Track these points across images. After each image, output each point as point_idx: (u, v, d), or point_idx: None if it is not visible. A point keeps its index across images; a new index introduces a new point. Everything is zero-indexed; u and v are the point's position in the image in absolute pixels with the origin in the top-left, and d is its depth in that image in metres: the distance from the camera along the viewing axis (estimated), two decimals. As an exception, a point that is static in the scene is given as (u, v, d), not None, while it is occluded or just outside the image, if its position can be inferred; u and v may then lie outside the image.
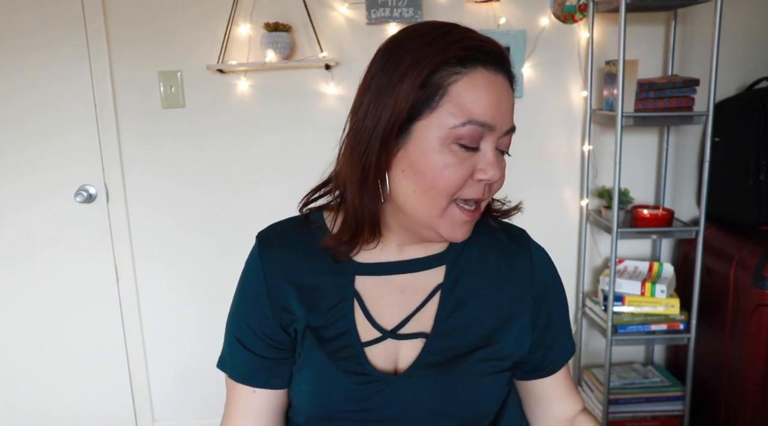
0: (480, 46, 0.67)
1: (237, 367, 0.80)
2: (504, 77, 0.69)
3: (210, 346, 2.14)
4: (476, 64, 0.66)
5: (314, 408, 0.76)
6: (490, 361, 0.77)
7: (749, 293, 1.68)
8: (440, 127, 0.66)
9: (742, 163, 1.80)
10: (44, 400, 2.18)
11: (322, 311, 0.77)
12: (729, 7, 1.81)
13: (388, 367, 0.76)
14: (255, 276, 0.79)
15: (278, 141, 2.02)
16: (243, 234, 2.08)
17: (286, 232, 0.82)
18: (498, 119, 0.68)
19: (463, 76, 0.66)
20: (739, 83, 2.01)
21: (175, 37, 1.96)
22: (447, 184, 0.67)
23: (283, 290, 0.77)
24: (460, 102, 0.66)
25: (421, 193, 0.68)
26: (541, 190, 2.07)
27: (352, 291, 0.77)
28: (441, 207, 0.69)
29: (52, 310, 2.12)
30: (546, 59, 1.98)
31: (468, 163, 0.68)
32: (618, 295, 1.88)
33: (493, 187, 0.72)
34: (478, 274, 0.80)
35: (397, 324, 0.77)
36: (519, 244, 0.83)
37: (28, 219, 2.05)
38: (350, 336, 0.76)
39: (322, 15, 1.94)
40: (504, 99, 0.68)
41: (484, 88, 0.66)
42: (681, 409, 1.93)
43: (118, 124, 2.01)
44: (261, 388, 0.79)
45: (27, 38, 1.94)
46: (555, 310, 0.83)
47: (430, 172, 0.67)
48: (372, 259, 0.78)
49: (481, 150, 0.68)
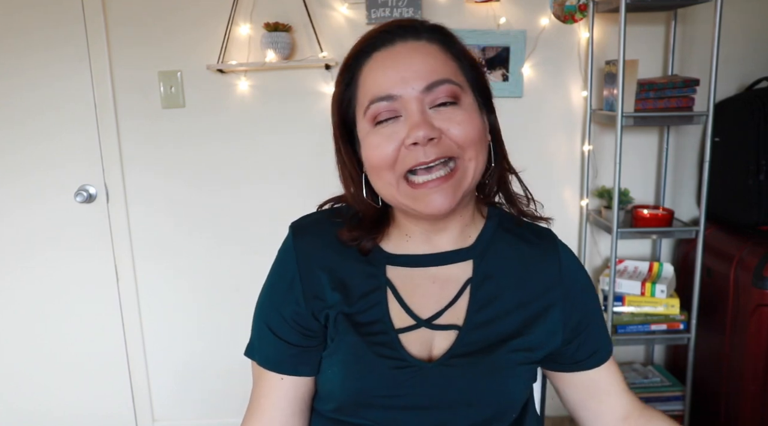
0: (377, 33, 0.74)
1: (267, 354, 0.81)
2: (412, 41, 0.72)
3: (210, 346, 2.14)
4: (374, 49, 0.73)
5: (345, 393, 0.76)
6: (522, 352, 0.78)
7: (749, 293, 1.68)
8: (362, 117, 0.73)
9: (742, 163, 1.80)
10: (44, 400, 2.18)
11: (354, 298, 0.78)
12: (729, 7, 1.81)
13: (422, 354, 0.77)
14: (288, 263, 0.81)
15: (278, 141, 2.02)
16: (243, 234, 2.09)
17: (319, 222, 0.83)
18: (400, 86, 0.70)
19: (363, 66, 0.73)
20: (739, 83, 2.01)
21: (175, 37, 1.96)
22: (380, 161, 0.71)
23: (316, 276, 0.79)
24: (364, 88, 0.73)
25: (375, 179, 0.74)
26: (541, 190, 2.04)
27: (385, 280, 0.79)
28: (392, 185, 0.72)
29: (52, 310, 2.12)
30: (546, 59, 1.98)
31: (396, 136, 0.70)
32: (618, 295, 1.88)
33: (446, 141, 0.70)
34: (506, 268, 0.81)
35: (433, 314, 0.78)
36: (546, 241, 0.84)
37: (28, 219, 2.05)
38: (384, 323, 0.77)
39: (322, 15, 1.94)
40: (406, 62, 0.71)
41: (380, 65, 0.72)
42: (681, 409, 1.93)
43: (118, 124, 2.01)
44: (289, 375, 0.80)
45: (27, 38, 1.94)
46: (589, 305, 0.83)
47: (369, 156, 0.73)
48: (402, 250, 0.80)
49: (403, 117, 0.71)
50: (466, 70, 0.75)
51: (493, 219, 0.84)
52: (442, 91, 0.70)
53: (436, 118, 0.70)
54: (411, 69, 0.70)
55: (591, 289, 0.86)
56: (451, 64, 0.73)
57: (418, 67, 0.70)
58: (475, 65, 0.77)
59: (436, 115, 0.70)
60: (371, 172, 0.74)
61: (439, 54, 0.72)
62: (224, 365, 2.14)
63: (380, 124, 0.71)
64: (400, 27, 0.73)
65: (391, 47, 0.72)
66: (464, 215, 0.80)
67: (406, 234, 0.80)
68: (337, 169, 0.80)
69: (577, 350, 0.83)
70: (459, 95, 0.72)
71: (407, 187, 0.71)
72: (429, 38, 0.73)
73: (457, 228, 0.80)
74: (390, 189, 0.73)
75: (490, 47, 1.95)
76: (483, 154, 0.74)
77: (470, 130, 0.71)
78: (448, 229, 0.79)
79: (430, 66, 0.71)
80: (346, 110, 0.76)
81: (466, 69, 0.75)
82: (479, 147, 0.72)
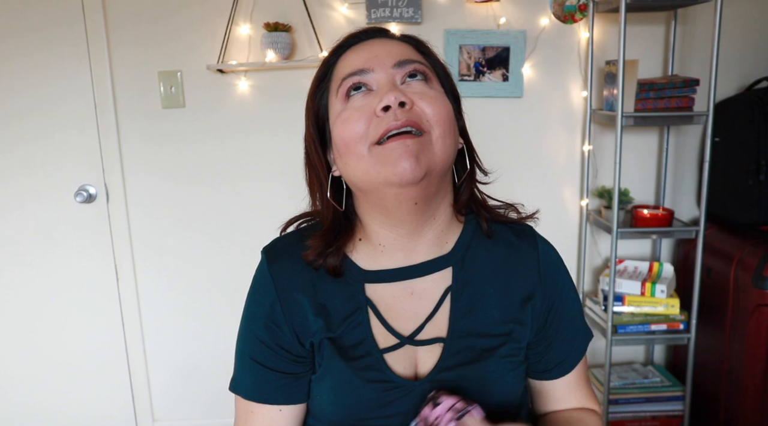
0: (354, 33, 0.78)
1: (259, 387, 0.78)
2: (386, 39, 0.77)
3: (210, 346, 2.14)
4: (349, 46, 0.77)
5: (337, 416, 0.76)
6: (509, 358, 0.77)
7: (749, 293, 1.68)
8: (335, 99, 0.74)
9: (742, 163, 1.80)
10: (44, 400, 2.18)
11: (336, 321, 0.76)
12: (729, 7, 1.81)
13: (408, 372, 0.76)
14: (266, 290, 0.79)
15: (278, 141, 2.02)
16: (243, 234, 2.09)
17: (291, 244, 0.81)
18: (372, 61, 0.72)
19: (338, 59, 0.77)
20: (739, 83, 2.01)
21: (175, 37, 1.96)
22: (352, 132, 0.70)
23: (297, 301, 0.77)
24: (338, 72, 0.75)
25: (347, 158, 0.71)
26: (541, 190, 2.07)
27: (365, 299, 0.77)
28: (364, 156, 0.69)
29: (51, 309, 2.11)
30: (546, 59, 1.98)
31: (368, 107, 0.70)
32: (618, 295, 1.88)
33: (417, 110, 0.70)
34: (485, 272, 0.79)
35: (414, 330, 0.77)
36: (524, 239, 0.83)
37: (28, 219, 2.05)
38: (368, 344, 0.76)
39: (322, 15, 1.94)
40: (380, 47, 0.75)
41: (353, 52, 0.76)
42: (681, 409, 1.93)
43: (118, 124, 2.01)
44: (287, 404, 0.78)
45: (27, 38, 1.94)
46: (564, 303, 0.82)
47: (340, 132, 0.72)
48: (378, 265, 0.78)
49: (375, 90, 0.72)
50: (438, 71, 0.78)
51: (471, 223, 0.81)
52: (413, 67, 0.73)
53: (408, 90, 0.71)
54: (383, 50, 0.74)
55: (568, 286, 0.84)
56: (423, 59, 0.76)
57: (390, 49, 0.74)
58: (445, 70, 0.79)
59: (407, 89, 0.72)
60: (343, 151, 0.72)
61: (411, 48, 0.76)
62: (224, 365, 2.13)
63: (352, 99, 0.72)
64: (373, 29, 0.78)
65: (366, 41, 0.76)
66: (439, 220, 0.77)
67: (379, 244, 0.77)
68: (305, 171, 0.81)
69: (546, 353, 0.81)
70: (430, 77, 0.74)
71: (378, 148, 0.68)
72: (402, 39, 0.78)
73: (433, 234, 0.77)
74: (361, 162, 0.70)
75: (490, 47, 1.95)
76: (452, 138, 0.72)
77: (441, 108, 0.71)
78: (423, 235, 0.77)
79: (402, 50, 0.75)
80: (319, 104, 0.78)
81: (437, 69, 0.78)
82: (448, 128, 0.71)
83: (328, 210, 0.77)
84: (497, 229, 0.83)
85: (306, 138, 0.79)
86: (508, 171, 1.95)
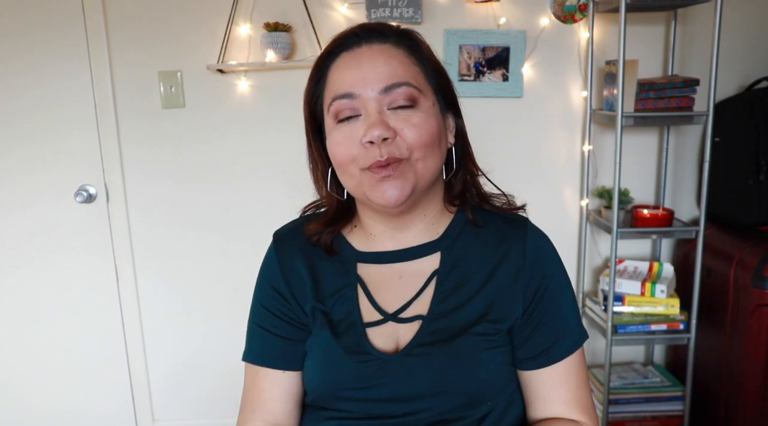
0: (346, 34, 0.78)
1: (262, 352, 0.85)
2: (377, 44, 0.77)
3: (210, 346, 2.14)
4: (341, 50, 0.78)
5: (321, 386, 0.81)
6: (485, 336, 0.78)
7: (749, 293, 1.68)
8: (327, 113, 0.78)
9: (742, 163, 1.80)
10: (44, 400, 2.18)
11: (328, 294, 0.83)
12: (729, 7, 1.81)
13: (388, 348, 0.80)
14: (272, 266, 0.87)
15: (279, 141, 2.02)
16: (243, 234, 2.09)
17: (296, 227, 0.90)
18: (360, 85, 0.75)
19: (332, 65, 0.78)
20: (739, 83, 2.01)
21: (175, 37, 1.96)
22: (342, 158, 0.77)
23: (298, 274, 0.85)
24: (330, 86, 0.78)
25: (341, 172, 0.79)
26: (541, 190, 2.07)
27: (356, 277, 0.84)
28: (356, 176, 0.77)
29: (51, 309, 2.11)
30: (546, 59, 1.98)
31: (355, 134, 0.75)
32: (618, 295, 1.88)
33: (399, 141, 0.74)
34: (473, 258, 0.83)
35: (398, 308, 0.82)
36: (514, 227, 0.85)
37: (28, 219, 2.05)
38: (353, 316, 0.81)
39: (322, 15, 1.94)
40: (369, 64, 0.75)
41: (344, 66, 0.77)
42: (681, 409, 1.93)
43: (118, 124, 2.01)
44: (290, 370, 0.84)
45: (27, 38, 1.94)
46: (552, 291, 0.82)
47: (333, 152, 0.78)
48: (370, 248, 0.85)
49: (362, 115, 0.75)
50: (429, 75, 0.79)
51: (463, 213, 0.86)
52: (400, 94, 0.75)
53: (392, 118, 0.75)
54: (373, 71, 0.75)
55: (558, 278, 0.84)
56: (413, 68, 0.78)
57: (380, 70, 0.75)
58: (440, 70, 0.81)
59: (393, 116, 0.75)
60: (337, 166, 0.79)
61: (402, 57, 0.77)
62: (224, 365, 2.14)
63: (342, 123, 0.76)
64: (368, 30, 0.78)
65: (357, 49, 0.77)
66: (427, 213, 0.83)
67: (371, 233, 0.85)
68: (309, 163, 0.86)
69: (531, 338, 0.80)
70: (417, 98, 0.76)
71: (370, 175, 0.75)
72: (395, 42, 0.78)
73: (422, 225, 0.84)
74: (354, 180, 0.77)
75: (490, 47, 1.95)
76: (434, 155, 0.77)
77: (423, 134, 0.75)
78: (412, 227, 0.83)
79: (392, 68, 0.76)
80: (314, 105, 0.81)
81: (430, 74, 0.80)
82: (429, 149, 0.76)
83: (331, 199, 0.85)
84: (489, 218, 0.86)
85: (306, 130, 0.85)
86: (508, 171, 1.95)
